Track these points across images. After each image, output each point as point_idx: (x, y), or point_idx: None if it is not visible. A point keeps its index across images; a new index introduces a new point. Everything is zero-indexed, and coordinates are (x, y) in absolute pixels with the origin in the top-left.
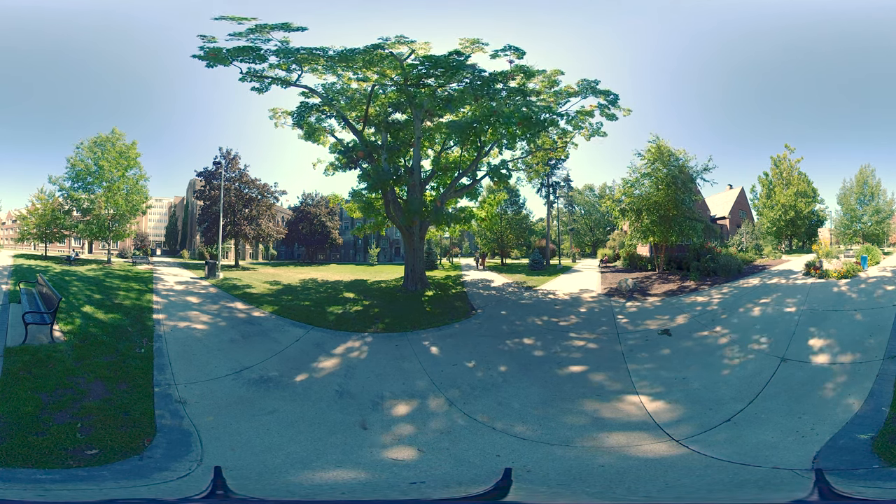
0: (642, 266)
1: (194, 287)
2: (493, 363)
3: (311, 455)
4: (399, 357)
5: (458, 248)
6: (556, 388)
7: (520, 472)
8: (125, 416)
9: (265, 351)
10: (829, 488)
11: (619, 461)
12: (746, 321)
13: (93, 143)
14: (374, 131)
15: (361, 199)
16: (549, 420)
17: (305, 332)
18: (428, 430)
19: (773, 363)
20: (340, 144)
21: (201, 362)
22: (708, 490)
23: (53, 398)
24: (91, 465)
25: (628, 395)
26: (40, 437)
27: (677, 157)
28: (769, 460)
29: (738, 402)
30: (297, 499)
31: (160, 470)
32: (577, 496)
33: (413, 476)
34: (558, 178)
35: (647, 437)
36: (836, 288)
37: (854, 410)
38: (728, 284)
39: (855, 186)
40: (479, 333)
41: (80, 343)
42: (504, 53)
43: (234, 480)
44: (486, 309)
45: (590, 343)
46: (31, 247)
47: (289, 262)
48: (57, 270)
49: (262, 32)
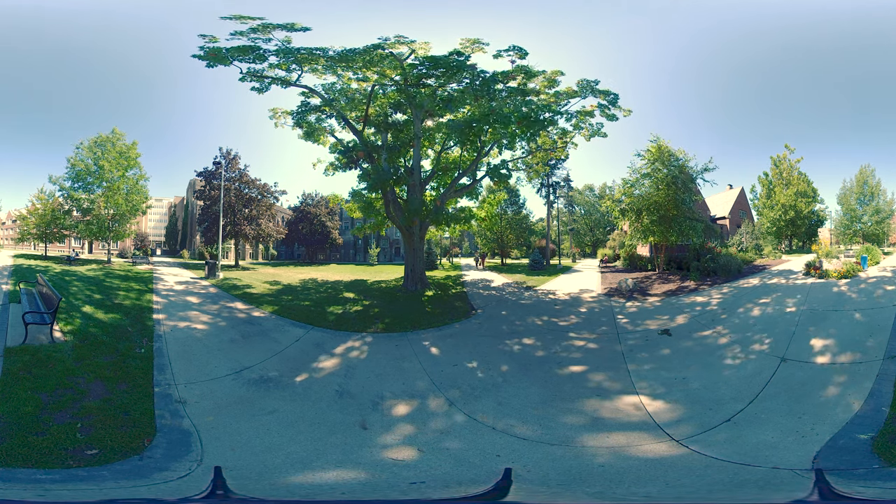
0: (642, 266)
1: (194, 287)
2: (494, 363)
3: (311, 455)
4: (399, 357)
5: (458, 248)
6: (556, 388)
7: (520, 472)
8: (125, 416)
9: (265, 351)
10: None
11: (619, 461)
12: (746, 321)
13: (93, 143)
14: (374, 131)
15: (361, 199)
16: (549, 420)
17: (305, 332)
18: (428, 430)
19: (773, 363)
20: (340, 144)
21: (201, 362)
22: (708, 490)
23: (53, 398)
24: (91, 465)
25: (628, 396)
26: (40, 437)
27: (677, 158)
28: (769, 460)
29: (738, 402)
30: (298, 499)
31: (160, 470)
32: (577, 496)
33: (413, 476)
34: (558, 178)
35: (648, 437)
36: (835, 288)
37: (854, 410)
38: (728, 284)
39: (855, 186)
40: (479, 333)
41: (80, 343)
42: (507, 53)
43: (234, 480)
44: (487, 309)
45: (590, 343)
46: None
47: (289, 262)
48: (57, 270)
49: (264, 32)
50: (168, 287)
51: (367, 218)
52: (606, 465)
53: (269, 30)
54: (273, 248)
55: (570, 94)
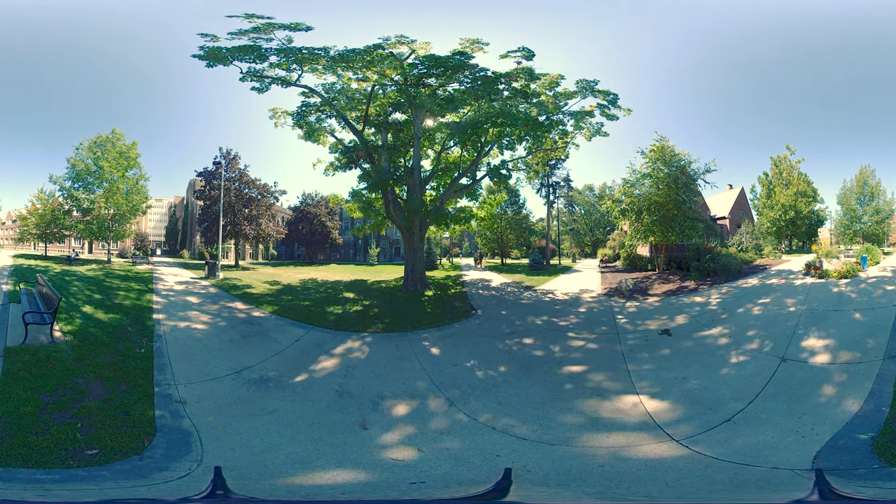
0: (642, 266)
1: (194, 287)
2: (493, 363)
3: (311, 455)
4: (399, 357)
5: (458, 248)
6: (555, 388)
7: (520, 472)
8: (125, 416)
9: (265, 351)
10: (829, 488)
11: (618, 461)
12: (746, 321)
13: (93, 143)
14: (374, 131)
15: (361, 199)
16: (549, 420)
17: (305, 332)
18: (428, 430)
19: (773, 363)
20: (340, 144)
21: (201, 362)
22: (708, 490)
23: (53, 398)
24: (91, 465)
25: (628, 396)
26: (40, 437)
27: (680, 158)
28: (769, 460)
29: (738, 402)
30: (297, 499)
31: (160, 470)
32: (577, 496)
33: (413, 476)
34: (558, 179)
35: (647, 437)
36: (835, 288)
37: (854, 410)
38: (728, 284)
39: (855, 186)
40: (478, 333)
41: (80, 343)
42: (514, 54)
43: (235, 480)
44: (486, 309)
45: (590, 343)
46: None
47: (289, 262)
48: (57, 270)
49: (266, 31)
50: (168, 287)
51: (367, 218)
52: (606, 465)
53: (272, 29)
54: (273, 248)
55: (569, 95)
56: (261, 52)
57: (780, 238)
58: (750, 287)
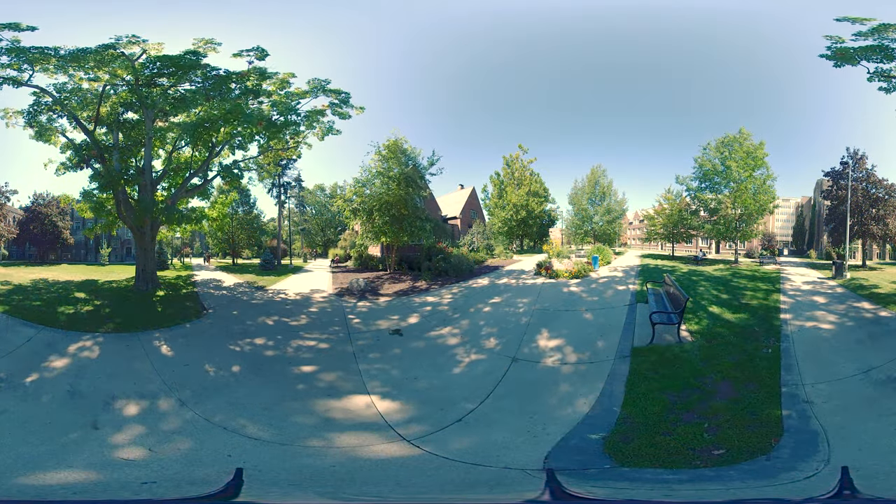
0: (374, 266)
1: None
2: (225, 363)
3: (42, 455)
4: (131, 357)
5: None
6: (287, 388)
7: (251, 472)
8: (752, 416)
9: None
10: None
11: (350, 461)
12: (478, 321)
13: (720, 143)
14: (105, 131)
15: (93, 199)
16: (280, 420)
17: (37, 332)
18: (159, 430)
19: (504, 363)
20: (72, 144)
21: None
22: (440, 490)
23: (680, 398)
24: (718, 465)
25: (360, 396)
26: (667, 437)
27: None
28: (500, 460)
29: (470, 402)
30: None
31: (787, 470)
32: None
33: (145, 476)
34: (290, 178)
35: (378, 437)
36: (566, 288)
37: (585, 410)
38: (459, 284)
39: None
40: (210, 333)
41: (706, 343)
42: (247, 53)
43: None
44: (218, 309)
45: (321, 343)
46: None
47: (20, 263)
48: (684, 270)
49: None
50: (795, 287)
51: (98, 218)
52: (338, 465)
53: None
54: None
55: (302, 95)
56: None
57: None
58: (481, 287)
